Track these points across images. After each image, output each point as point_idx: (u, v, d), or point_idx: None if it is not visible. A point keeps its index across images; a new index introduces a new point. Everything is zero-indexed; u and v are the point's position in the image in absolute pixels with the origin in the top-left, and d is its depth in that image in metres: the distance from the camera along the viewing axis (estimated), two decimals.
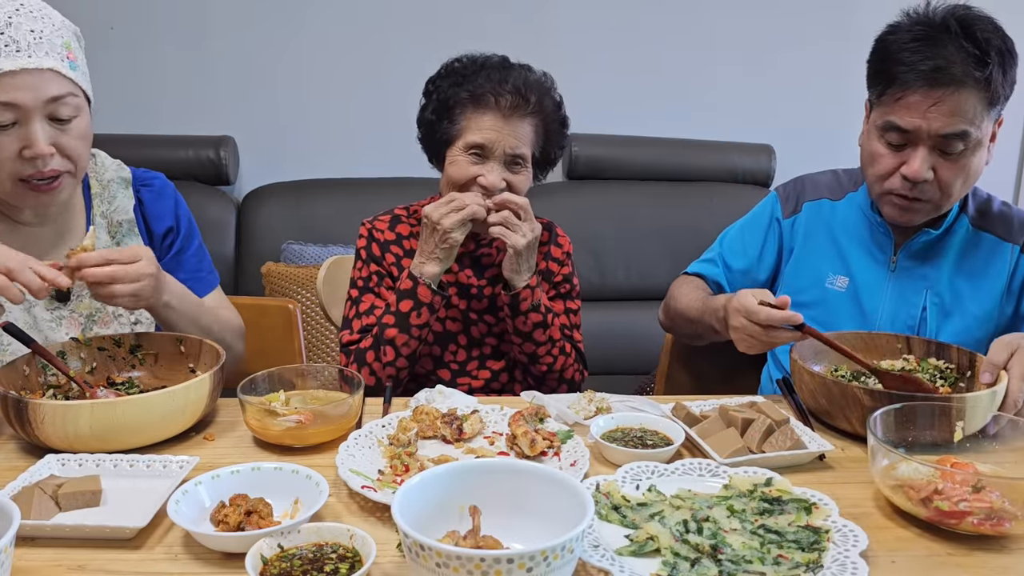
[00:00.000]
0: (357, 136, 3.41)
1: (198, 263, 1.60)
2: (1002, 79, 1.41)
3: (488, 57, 1.63)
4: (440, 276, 1.58)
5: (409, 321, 1.57)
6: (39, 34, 1.28)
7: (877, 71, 1.50)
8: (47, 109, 1.30)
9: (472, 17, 3.32)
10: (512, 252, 1.56)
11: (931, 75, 1.40)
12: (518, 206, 1.55)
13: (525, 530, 0.94)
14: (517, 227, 1.55)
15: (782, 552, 0.97)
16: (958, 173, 1.47)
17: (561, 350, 1.65)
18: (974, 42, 1.40)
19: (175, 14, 3.27)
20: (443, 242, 1.55)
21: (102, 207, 1.51)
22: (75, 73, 1.33)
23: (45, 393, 1.34)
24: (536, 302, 1.60)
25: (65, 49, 1.32)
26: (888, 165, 1.50)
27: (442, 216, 1.53)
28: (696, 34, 3.42)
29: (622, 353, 3.12)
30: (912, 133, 1.45)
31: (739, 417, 1.26)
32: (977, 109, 1.42)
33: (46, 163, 1.32)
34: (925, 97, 1.41)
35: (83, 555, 0.97)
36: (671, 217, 3.29)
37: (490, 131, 1.57)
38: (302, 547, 0.95)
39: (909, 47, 1.42)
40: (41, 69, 1.28)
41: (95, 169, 1.53)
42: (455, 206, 1.54)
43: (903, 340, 1.50)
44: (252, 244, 3.18)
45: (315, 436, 1.24)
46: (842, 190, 1.72)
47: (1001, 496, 1.02)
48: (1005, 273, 1.59)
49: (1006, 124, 1.50)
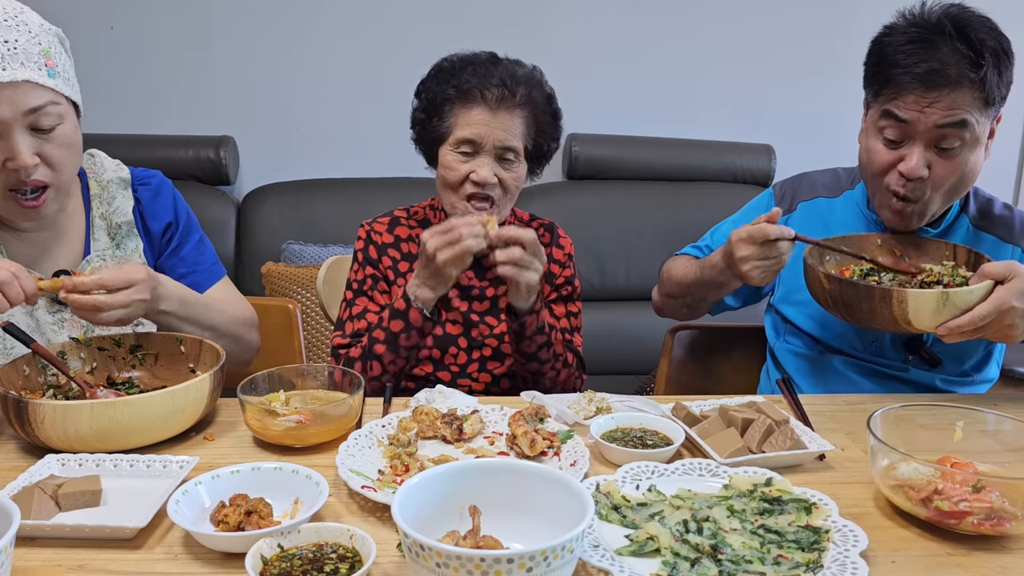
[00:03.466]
0: (357, 136, 3.41)
1: (198, 257, 1.59)
2: (997, 80, 1.42)
3: (477, 54, 1.63)
4: (434, 302, 1.55)
5: (398, 342, 1.55)
6: (13, 45, 1.26)
7: (873, 73, 1.51)
8: (27, 120, 1.28)
9: (472, 17, 3.32)
10: (524, 289, 1.51)
11: (926, 77, 1.40)
12: (524, 242, 1.46)
13: (525, 530, 0.94)
14: (529, 263, 1.47)
15: (782, 552, 0.97)
16: (954, 171, 1.47)
17: (564, 363, 1.64)
18: (968, 44, 1.40)
19: (175, 14, 3.27)
20: (437, 275, 1.50)
21: (101, 208, 1.51)
22: (55, 80, 1.31)
23: (45, 393, 1.34)
24: (540, 324, 1.57)
25: (43, 57, 1.30)
26: (885, 161, 1.50)
27: (437, 249, 1.45)
28: (696, 34, 3.42)
29: (622, 353, 3.13)
30: (909, 126, 1.45)
31: (739, 417, 1.26)
32: (973, 108, 1.42)
33: (29, 173, 1.30)
34: (921, 98, 1.42)
35: (83, 555, 0.97)
36: (671, 217, 3.29)
37: (478, 125, 1.56)
38: (302, 547, 0.95)
39: (904, 49, 1.43)
40: (16, 82, 1.25)
41: (94, 170, 1.53)
42: (450, 239, 1.45)
43: (951, 247, 1.55)
44: (252, 244, 3.19)
45: (315, 436, 1.24)
46: (840, 188, 1.73)
47: (1001, 496, 1.02)
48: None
49: (1006, 124, 1.50)
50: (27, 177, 1.31)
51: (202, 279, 1.57)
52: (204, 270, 1.59)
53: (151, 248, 1.55)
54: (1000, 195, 1.69)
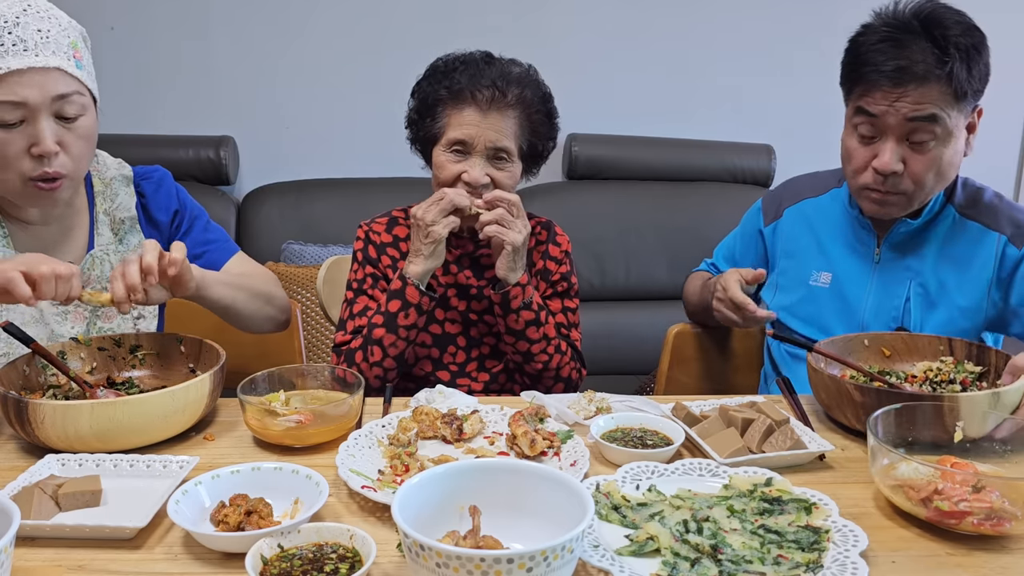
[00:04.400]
0: (357, 136, 3.41)
1: (206, 235, 1.61)
2: (967, 74, 1.44)
3: (471, 54, 1.63)
4: (428, 275, 1.57)
5: (397, 321, 1.56)
6: (46, 33, 1.30)
7: (848, 72, 1.55)
8: (54, 107, 1.31)
9: (472, 17, 3.32)
10: (509, 250, 1.55)
11: (894, 74, 1.45)
12: (510, 203, 1.55)
13: (525, 530, 0.94)
14: (512, 224, 1.55)
15: (782, 552, 0.97)
16: (929, 165, 1.49)
17: (556, 348, 1.65)
18: (934, 40, 1.44)
19: (175, 14, 3.27)
20: (427, 237, 1.54)
21: (104, 205, 1.52)
22: (81, 72, 1.34)
23: (45, 393, 1.34)
24: (528, 299, 1.59)
25: (72, 48, 1.34)
26: (861, 159, 1.54)
27: (425, 211, 1.54)
28: (696, 33, 3.42)
29: (622, 353, 3.12)
30: (880, 120, 1.48)
31: (739, 417, 1.26)
32: (942, 102, 1.45)
33: (51, 163, 1.33)
34: (889, 93, 1.46)
35: (83, 555, 0.97)
36: (671, 217, 3.29)
37: (470, 126, 1.56)
38: (302, 547, 0.95)
39: (876, 48, 1.47)
40: (47, 68, 1.29)
41: (97, 168, 1.54)
42: (435, 199, 1.54)
43: (945, 342, 1.46)
44: (252, 244, 3.18)
45: (315, 436, 1.24)
46: (825, 186, 1.76)
47: (1001, 496, 1.02)
48: (991, 262, 1.58)
49: (1006, 124, 1.51)
50: (49, 167, 1.33)
51: (217, 256, 1.59)
52: (218, 248, 1.61)
53: (161, 239, 1.56)
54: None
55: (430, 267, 1.57)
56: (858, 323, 1.65)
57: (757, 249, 1.83)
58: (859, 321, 1.65)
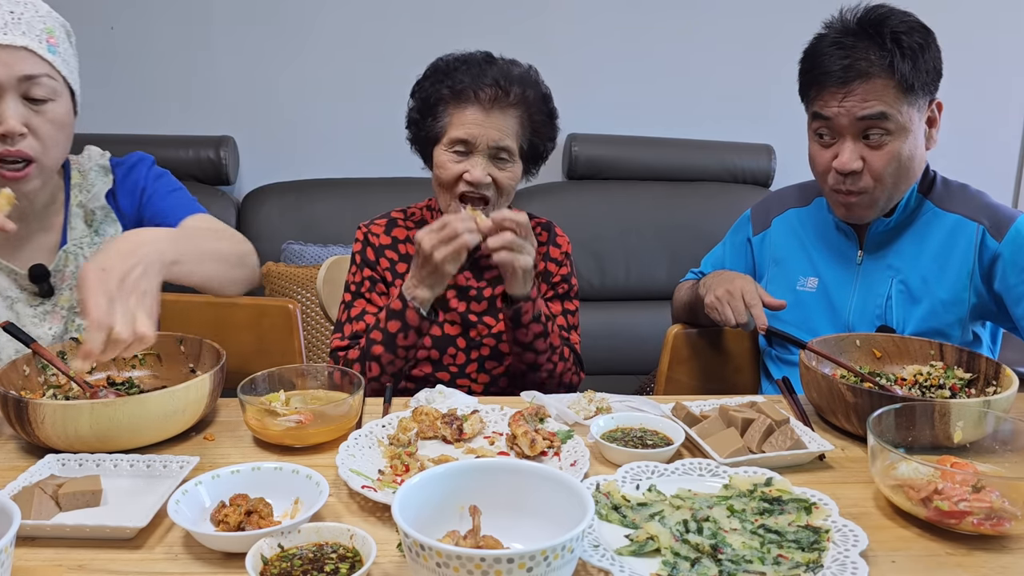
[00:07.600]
0: (357, 136, 3.41)
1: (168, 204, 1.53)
2: (911, 68, 1.48)
3: (472, 54, 1.63)
4: (431, 301, 1.55)
5: (396, 342, 1.55)
6: (19, 16, 1.31)
7: (804, 80, 1.60)
8: (21, 88, 1.31)
9: (473, 17, 3.32)
10: (520, 272, 1.51)
11: (840, 74, 1.50)
12: (517, 223, 1.48)
13: (525, 530, 0.94)
14: (522, 247, 1.49)
15: (782, 552, 0.97)
16: (887, 161, 1.53)
17: (560, 356, 1.65)
18: (877, 38, 1.49)
19: (175, 14, 3.27)
20: (435, 273, 1.50)
21: (79, 197, 1.51)
22: (54, 57, 1.34)
23: (45, 393, 1.34)
24: (537, 312, 1.58)
25: (46, 34, 1.33)
26: (823, 162, 1.59)
27: (433, 247, 1.46)
28: (696, 34, 3.42)
29: (622, 353, 3.13)
30: (833, 122, 1.53)
31: (739, 417, 1.26)
32: (890, 98, 1.49)
33: (15, 142, 1.32)
34: (838, 93, 1.51)
35: (83, 555, 0.97)
36: (671, 217, 3.29)
37: (472, 125, 1.56)
38: (302, 547, 0.95)
39: (826, 52, 1.53)
40: (15, 46, 1.29)
41: (79, 161, 1.54)
42: (445, 235, 1.46)
43: (936, 347, 1.45)
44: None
45: (315, 436, 1.24)
46: (810, 196, 1.80)
47: (1001, 496, 1.02)
48: (971, 253, 1.59)
49: (1007, 123, 1.52)
50: (12, 145, 1.32)
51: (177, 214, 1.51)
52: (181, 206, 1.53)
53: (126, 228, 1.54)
54: (1000, 195, 1.70)
55: (435, 294, 1.54)
56: (844, 325, 1.67)
57: (746, 258, 1.86)
58: (844, 323, 1.67)
